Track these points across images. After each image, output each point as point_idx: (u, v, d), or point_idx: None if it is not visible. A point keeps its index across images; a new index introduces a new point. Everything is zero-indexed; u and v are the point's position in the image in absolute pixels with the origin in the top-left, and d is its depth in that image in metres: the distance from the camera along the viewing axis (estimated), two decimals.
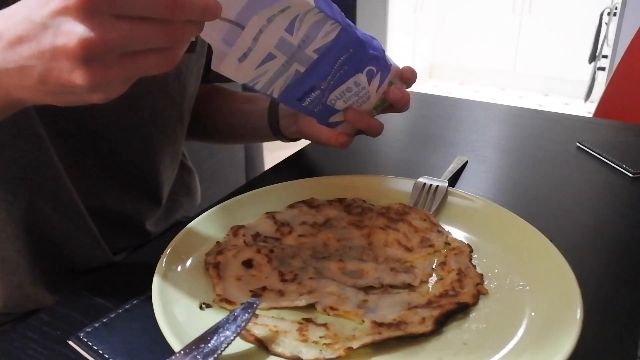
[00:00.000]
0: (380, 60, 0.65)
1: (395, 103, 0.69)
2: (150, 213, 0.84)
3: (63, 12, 0.37)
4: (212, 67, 0.55)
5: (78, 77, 0.38)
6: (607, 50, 3.09)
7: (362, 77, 0.65)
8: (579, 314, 0.44)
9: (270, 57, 0.56)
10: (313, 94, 0.64)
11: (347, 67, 0.63)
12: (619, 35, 2.74)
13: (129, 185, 0.78)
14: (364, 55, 0.63)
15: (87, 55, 0.37)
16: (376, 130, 0.71)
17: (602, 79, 3.09)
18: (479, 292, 0.50)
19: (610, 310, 0.52)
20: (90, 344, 0.46)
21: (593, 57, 3.21)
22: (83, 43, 0.37)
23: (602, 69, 3.16)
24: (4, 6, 0.43)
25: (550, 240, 0.55)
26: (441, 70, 4.83)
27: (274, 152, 2.10)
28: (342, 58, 0.61)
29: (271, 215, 0.61)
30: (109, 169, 0.74)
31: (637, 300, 0.53)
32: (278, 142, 0.89)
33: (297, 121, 0.80)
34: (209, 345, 0.40)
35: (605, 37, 3.10)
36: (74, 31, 0.37)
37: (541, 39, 4.36)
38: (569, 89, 4.30)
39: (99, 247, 0.73)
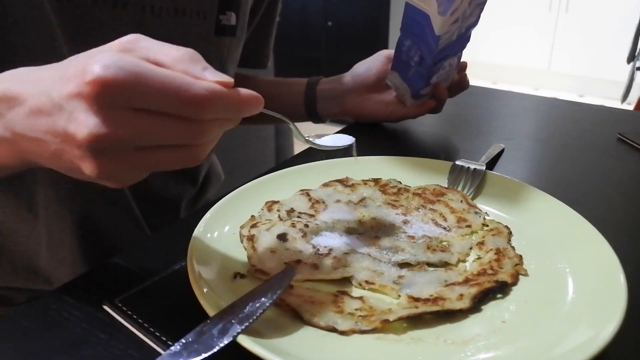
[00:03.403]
0: (463, 49, 0.80)
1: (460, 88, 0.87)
2: (187, 195, 0.86)
3: (77, 97, 0.35)
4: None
5: (86, 167, 0.37)
6: None
7: (454, 60, 0.80)
8: (623, 295, 0.43)
9: (457, 20, 0.71)
10: (443, 62, 0.78)
11: (457, 48, 0.78)
12: None
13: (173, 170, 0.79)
14: (466, 40, 0.78)
15: (96, 148, 0.35)
16: (441, 108, 0.86)
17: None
18: (518, 273, 0.48)
19: None
20: (125, 309, 0.47)
21: (632, 57, 3.12)
22: (91, 137, 0.34)
23: None
24: None
25: None
26: (474, 69, 4.77)
27: (304, 144, 2.10)
28: (464, 38, 0.77)
29: (305, 192, 0.61)
30: None
31: None
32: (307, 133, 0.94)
33: (342, 102, 0.85)
34: (244, 311, 0.40)
35: None
36: (85, 123, 0.35)
37: (578, 38, 4.27)
38: (605, 90, 4.20)
39: (140, 229, 0.74)
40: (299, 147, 2.11)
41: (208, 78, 0.37)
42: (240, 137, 1.98)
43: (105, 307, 0.47)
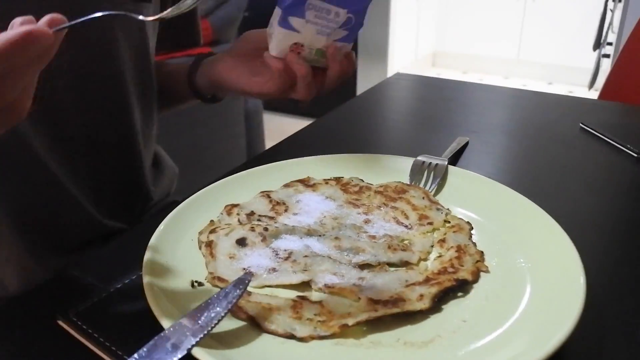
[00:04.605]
0: (359, 16, 0.66)
1: (330, 63, 0.67)
2: (141, 199, 0.84)
3: None
4: None
5: None
6: (611, 37, 3.05)
7: (342, 14, 0.65)
8: (582, 291, 0.43)
9: None
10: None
11: None
12: (624, 22, 2.70)
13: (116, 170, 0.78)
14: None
15: None
16: (305, 72, 0.66)
17: (606, 67, 3.05)
18: (479, 270, 0.48)
19: (613, 291, 0.50)
20: (80, 323, 0.45)
21: (597, 45, 3.17)
22: None
23: (607, 56, 3.12)
24: None
25: None
26: (444, 59, 4.79)
27: (276, 139, 2.09)
28: None
29: (266, 194, 0.60)
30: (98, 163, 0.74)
31: None
32: (279, 131, 0.89)
33: (214, 67, 0.77)
34: (199, 321, 0.39)
35: (610, 23, 3.07)
36: None
37: (545, 27, 4.32)
38: (573, 77, 4.26)
39: (94, 222, 0.73)
40: (270, 142, 2.09)
41: None
42: (208, 135, 1.96)
43: (60, 322, 0.46)
